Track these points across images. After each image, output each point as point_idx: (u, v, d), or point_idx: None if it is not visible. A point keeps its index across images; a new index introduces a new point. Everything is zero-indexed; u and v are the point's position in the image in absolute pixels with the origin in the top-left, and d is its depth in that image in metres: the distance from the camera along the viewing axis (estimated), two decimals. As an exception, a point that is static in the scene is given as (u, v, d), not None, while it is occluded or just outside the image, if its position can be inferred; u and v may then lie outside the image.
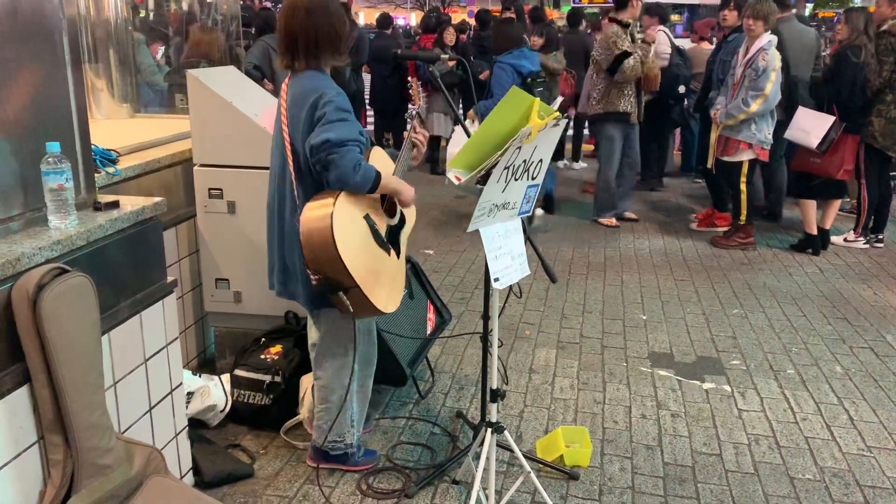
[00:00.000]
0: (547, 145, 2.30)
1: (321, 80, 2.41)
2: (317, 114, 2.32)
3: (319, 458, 2.79)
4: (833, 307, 4.62)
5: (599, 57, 6.03)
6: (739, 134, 5.44)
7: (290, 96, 2.42)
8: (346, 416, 2.72)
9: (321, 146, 2.26)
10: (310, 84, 2.39)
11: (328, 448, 2.76)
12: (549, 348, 3.98)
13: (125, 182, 2.89)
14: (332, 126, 2.28)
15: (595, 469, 2.90)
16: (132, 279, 2.23)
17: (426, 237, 6.01)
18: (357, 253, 2.31)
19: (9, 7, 1.88)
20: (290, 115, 2.40)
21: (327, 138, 2.25)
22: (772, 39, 5.30)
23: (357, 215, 2.36)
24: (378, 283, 2.40)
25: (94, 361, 1.90)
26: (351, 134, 2.30)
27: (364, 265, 2.34)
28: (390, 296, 2.49)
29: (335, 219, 2.24)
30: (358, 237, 2.34)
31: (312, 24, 2.38)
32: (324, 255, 2.26)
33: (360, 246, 2.34)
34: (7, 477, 1.76)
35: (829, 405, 3.42)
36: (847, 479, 2.87)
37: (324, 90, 2.35)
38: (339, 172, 2.26)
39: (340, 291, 2.31)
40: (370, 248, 2.40)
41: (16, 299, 1.74)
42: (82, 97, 2.16)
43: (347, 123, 2.32)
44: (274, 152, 2.52)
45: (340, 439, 2.75)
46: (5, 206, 1.92)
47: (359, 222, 2.36)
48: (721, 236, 5.90)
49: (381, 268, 2.44)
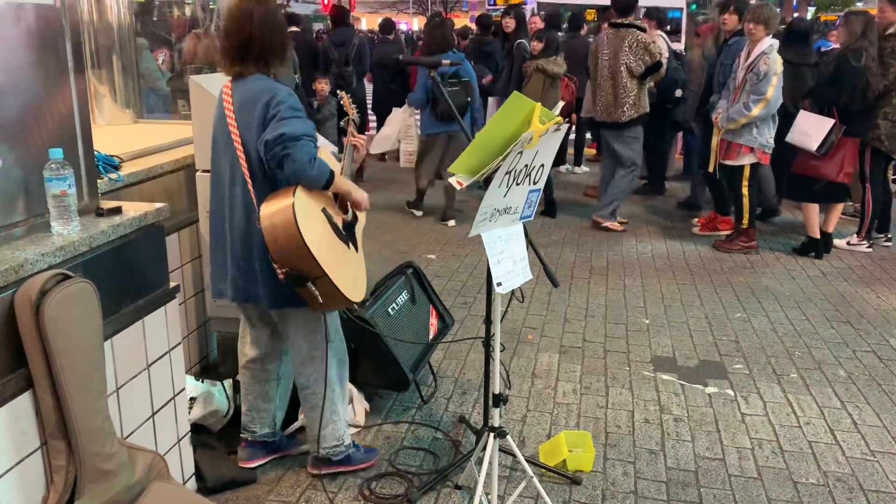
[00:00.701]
0: (548, 150, 2.31)
1: (269, 82, 2.44)
2: (269, 113, 2.35)
3: (321, 465, 2.79)
4: (836, 310, 4.61)
5: (633, 63, 5.97)
6: (741, 138, 5.44)
7: (238, 101, 2.43)
8: (339, 419, 2.73)
9: (277, 140, 2.28)
10: (259, 86, 2.42)
11: (329, 455, 2.76)
12: (552, 353, 3.98)
13: (128, 188, 2.89)
14: (286, 122, 2.31)
15: (598, 474, 2.89)
16: (134, 285, 2.23)
17: (429, 242, 6.01)
18: (321, 242, 2.34)
19: (13, 14, 1.89)
20: (239, 119, 2.41)
21: (283, 132, 2.28)
22: (773, 43, 5.30)
23: (315, 208, 2.39)
24: (343, 273, 2.42)
25: (96, 367, 1.91)
26: (306, 129, 2.32)
27: (328, 254, 2.36)
28: (356, 286, 2.50)
29: (297, 208, 2.27)
30: (319, 227, 2.37)
31: (267, 32, 2.43)
32: (289, 245, 2.28)
33: (322, 235, 2.37)
34: (10, 482, 1.76)
35: (833, 409, 3.41)
36: (851, 483, 2.86)
37: (275, 91, 2.39)
38: (295, 166, 2.29)
39: (309, 282, 2.32)
40: (332, 239, 2.43)
41: (19, 305, 1.75)
42: (85, 103, 2.16)
43: (301, 120, 2.35)
44: (219, 158, 2.53)
45: (339, 443, 2.76)
46: (8, 213, 1.93)
47: (318, 214, 2.40)
48: (724, 240, 5.90)
49: (343, 258, 2.47)
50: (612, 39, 6.11)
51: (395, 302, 3.40)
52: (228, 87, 2.49)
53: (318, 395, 2.68)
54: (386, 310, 3.30)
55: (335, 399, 2.71)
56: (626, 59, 6.00)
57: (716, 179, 5.93)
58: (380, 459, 2.90)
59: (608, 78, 6.12)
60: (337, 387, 2.72)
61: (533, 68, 6.28)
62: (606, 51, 6.12)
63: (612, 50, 6.08)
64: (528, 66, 6.36)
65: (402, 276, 3.57)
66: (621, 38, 6.04)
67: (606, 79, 6.13)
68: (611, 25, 6.21)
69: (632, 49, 5.99)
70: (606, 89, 6.15)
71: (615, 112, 6.14)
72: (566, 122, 2.36)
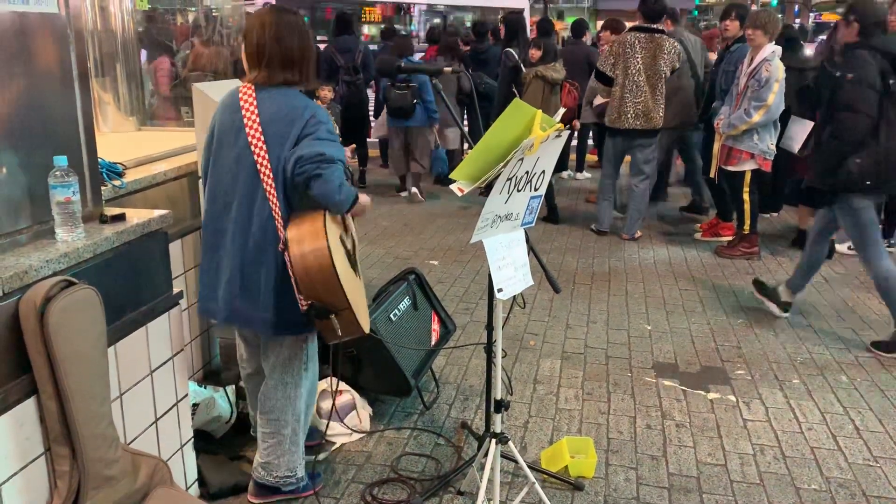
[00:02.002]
0: (549, 157, 2.32)
1: (305, 99, 2.38)
2: (306, 130, 2.29)
3: (266, 493, 2.66)
4: (838, 317, 4.61)
5: (665, 68, 5.89)
6: (741, 144, 5.46)
7: (268, 112, 2.32)
8: (298, 450, 2.64)
9: (313, 157, 2.22)
10: (296, 102, 2.34)
11: (280, 485, 2.64)
12: (554, 359, 3.98)
13: (131, 195, 2.90)
14: (325, 143, 2.27)
15: (600, 480, 2.89)
16: (138, 291, 2.24)
17: (431, 248, 6.02)
18: (345, 275, 2.32)
19: (17, 23, 1.91)
20: (268, 131, 2.30)
21: (322, 151, 2.23)
22: (775, 50, 5.32)
23: (336, 237, 2.36)
24: (359, 303, 2.41)
25: (100, 373, 1.91)
26: (341, 155, 2.30)
27: (350, 286, 2.34)
28: (366, 314, 2.52)
29: (330, 240, 2.24)
30: (342, 258, 2.34)
31: (308, 45, 2.39)
32: (321, 280, 2.23)
33: (345, 267, 2.35)
34: (14, 488, 1.77)
35: (835, 415, 3.41)
36: (853, 489, 2.86)
37: (315, 110, 2.34)
38: (325, 188, 2.23)
39: (332, 315, 2.30)
40: (349, 269, 2.41)
41: (23, 311, 1.76)
42: (89, 111, 2.18)
43: (337, 145, 2.33)
44: (221, 167, 2.40)
45: (292, 474, 2.64)
46: (13, 219, 1.94)
47: (339, 245, 2.36)
48: (725, 246, 5.90)
49: (357, 288, 2.46)
50: (646, 44, 5.90)
51: (398, 308, 3.40)
52: (250, 96, 2.35)
53: (280, 423, 2.58)
54: (388, 316, 3.31)
55: (298, 430, 2.64)
56: (665, 64, 5.89)
57: (717, 185, 5.94)
58: (321, 486, 2.80)
59: (645, 83, 5.91)
60: (302, 416, 2.64)
61: (532, 75, 6.28)
62: (640, 55, 5.90)
63: (650, 54, 5.89)
64: (527, 73, 6.36)
65: (404, 282, 3.58)
66: (658, 44, 5.86)
67: (643, 84, 5.91)
68: (639, 30, 6.00)
69: (669, 55, 5.88)
70: (644, 95, 5.93)
71: (655, 118, 5.96)
72: (568, 128, 2.37)
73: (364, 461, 2.99)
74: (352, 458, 3.01)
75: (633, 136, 6.11)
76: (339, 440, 3.10)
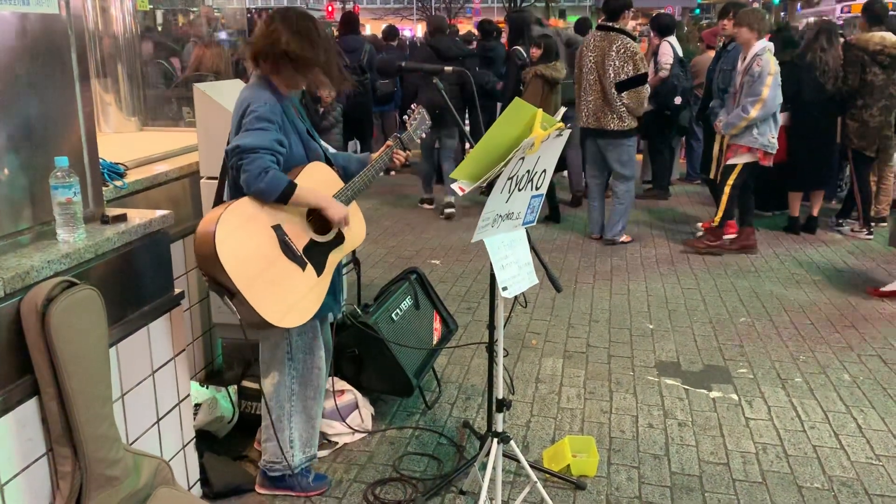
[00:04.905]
0: (550, 156, 2.32)
1: (254, 90, 2.45)
2: (243, 121, 2.39)
3: (265, 482, 2.74)
4: (841, 315, 4.60)
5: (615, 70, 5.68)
6: (742, 139, 5.52)
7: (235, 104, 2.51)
8: (283, 437, 2.65)
9: (233, 151, 2.32)
10: (245, 93, 2.47)
11: (265, 469, 2.70)
12: (556, 358, 3.98)
13: (133, 195, 2.91)
14: (246, 133, 2.33)
15: (602, 479, 2.89)
16: (140, 292, 2.25)
17: (433, 247, 6.02)
18: (248, 258, 2.28)
19: (19, 24, 1.91)
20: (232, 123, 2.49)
21: (238, 144, 2.31)
22: (767, 45, 5.40)
23: (261, 222, 2.34)
24: (272, 294, 2.32)
25: (102, 373, 1.92)
26: (263, 142, 2.31)
27: (254, 273, 2.29)
28: (291, 311, 2.37)
29: (222, 220, 2.25)
30: (253, 243, 2.31)
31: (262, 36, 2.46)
32: (204, 254, 2.27)
33: (252, 252, 2.30)
34: (16, 488, 1.78)
35: (838, 413, 3.41)
36: (856, 487, 2.85)
37: (252, 99, 2.40)
38: (245, 177, 2.29)
39: (226, 295, 2.30)
40: (271, 257, 2.34)
41: (25, 312, 1.76)
42: (91, 112, 2.18)
43: (262, 132, 2.33)
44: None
45: (278, 461, 2.67)
46: (15, 220, 1.94)
47: (262, 230, 2.34)
48: (695, 238, 6.10)
49: (281, 280, 2.35)
50: (598, 43, 5.78)
51: (399, 307, 3.41)
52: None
53: (266, 408, 2.64)
54: (390, 315, 3.31)
55: (283, 417, 2.65)
56: (613, 64, 5.68)
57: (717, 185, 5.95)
58: (328, 487, 2.79)
59: (596, 82, 5.79)
60: (287, 404, 2.65)
61: (532, 74, 6.27)
62: (592, 54, 5.79)
63: (599, 53, 5.75)
64: (527, 72, 6.35)
65: (405, 281, 3.58)
66: (609, 42, 5.70)
67: (593, 83, 5.80)
68: (599, 28, 5.95)
69: (619, 55, 5.66)
70: (595, 94, 5.80)
71: (603, 118, 5.80)
72: (569, 127, 2.37)
73: (366, 461, 2.99)
74: (354, 458, 3.01)
75: (599, 136, 5.97)
76: (341, 440, 3.10)
